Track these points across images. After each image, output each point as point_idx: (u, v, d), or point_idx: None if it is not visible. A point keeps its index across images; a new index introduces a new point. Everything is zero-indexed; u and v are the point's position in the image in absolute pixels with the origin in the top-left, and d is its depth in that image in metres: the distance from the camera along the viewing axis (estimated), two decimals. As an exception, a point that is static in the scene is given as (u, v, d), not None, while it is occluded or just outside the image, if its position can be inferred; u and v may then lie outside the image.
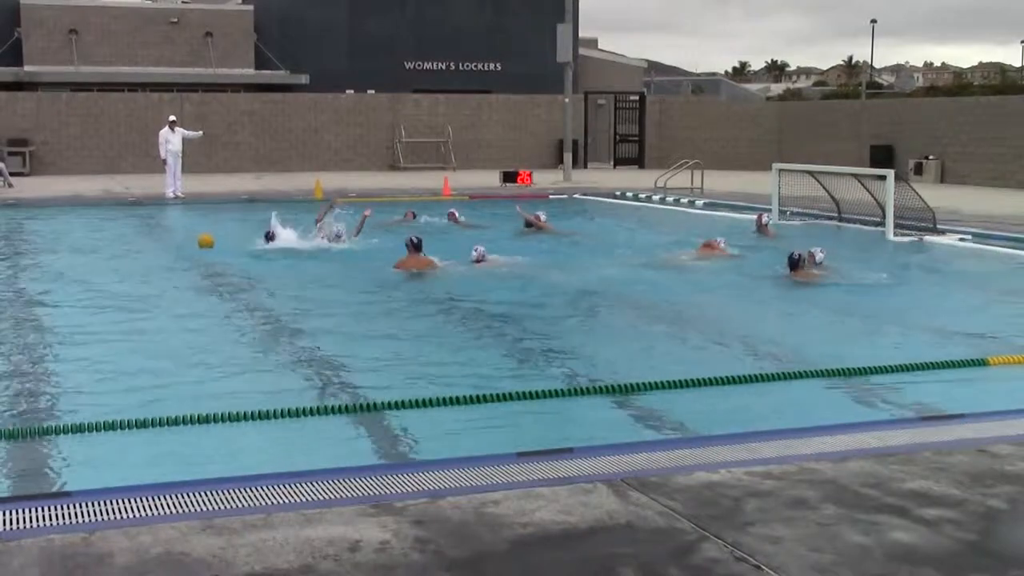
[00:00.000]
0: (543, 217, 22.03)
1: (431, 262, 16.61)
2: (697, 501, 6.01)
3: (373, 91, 45.91)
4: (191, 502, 5.99)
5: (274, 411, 8.49)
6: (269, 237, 19.32)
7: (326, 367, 10.59)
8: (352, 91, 45.68)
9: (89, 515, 5.81)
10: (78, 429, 8.10)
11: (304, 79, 47.51)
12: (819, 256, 16.60)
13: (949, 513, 5.88)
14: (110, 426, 8.10)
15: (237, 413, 8.41)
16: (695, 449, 7.22)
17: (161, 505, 5.95)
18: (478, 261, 16.95)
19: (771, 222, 22.82)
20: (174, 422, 8.20)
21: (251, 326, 12.82)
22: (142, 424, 8.14)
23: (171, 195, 30.20)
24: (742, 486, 6.27)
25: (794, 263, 16.02)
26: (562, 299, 14.89)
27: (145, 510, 5.87)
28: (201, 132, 34.37)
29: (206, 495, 6.09)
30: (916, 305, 14.50)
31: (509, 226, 22.63)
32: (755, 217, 22.69)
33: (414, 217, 23.50)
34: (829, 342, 12.14)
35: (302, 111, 42.12)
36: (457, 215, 23.32)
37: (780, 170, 24.69)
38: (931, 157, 37.79)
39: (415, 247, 16.68)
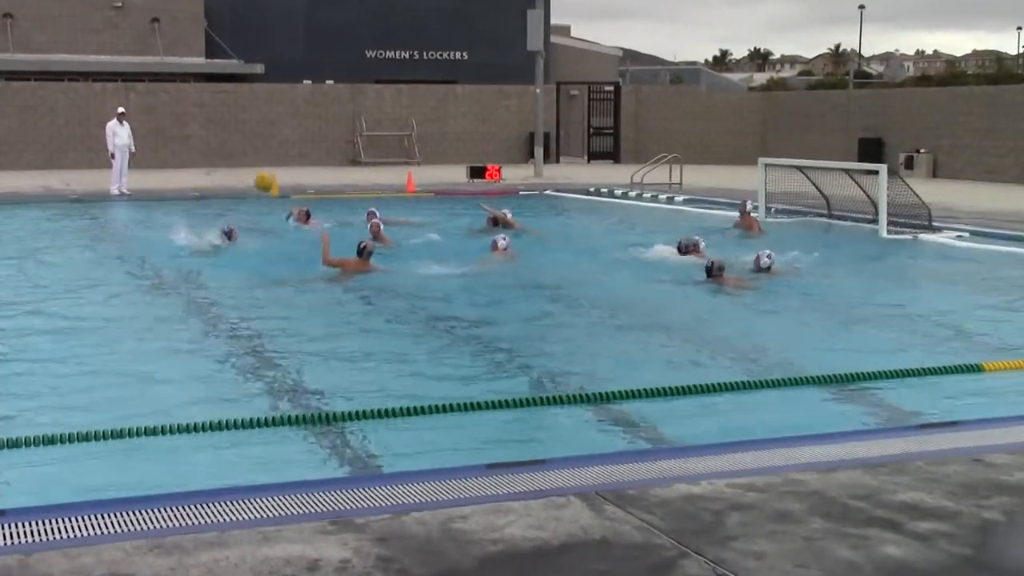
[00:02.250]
0: (509, 215, 22.01)
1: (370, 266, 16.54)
2: (677, 515, 6.02)
3: (332, 82, 45.80)
4: (138, 520, 5.95)
5: (228, 422, 8.45)
6: (229, 236, 19.26)
7: (282, 375, 10.55)
8: (310, 81, 45.57)
9: (26, 535, 5.76)
10: (14, 444, 8.03)
11: (258, 69, 47.41)
12: (764, 261, 16.37)
13: (943, 526, 5.91)
14: (49, 440, 8.03)
15: (188, 425, 8.37)
16: (675, 460, 7.23)
17: (105, 524, 5.90)
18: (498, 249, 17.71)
19: (757, 215, 22.84)
20: (119, 435, 8.14)
21: (202, 332, 12.77)
22: (84, 438, 8.07)
23: (116, 192, 30.06)
24: (724, 499, 6.28)
25: (708, 271, 15.79)
26: (531, 301, 14.91)
27: (87, 529, 5.83)
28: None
29: (154, 512, 6.05)
30: (910, 306, 14.57)
31: (460, 223, 22.64)
32: (739, 204, 22.69)
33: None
34: (817, 347, 12.20)
35: (256, 103, 42.01)
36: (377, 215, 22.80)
37: (766, 165, 24.78)
38: (922, 150, 38.04)
39: (368, 255, 16.51)
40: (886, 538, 5.73)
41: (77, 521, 5.93)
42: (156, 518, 5.98)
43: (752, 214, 22.69)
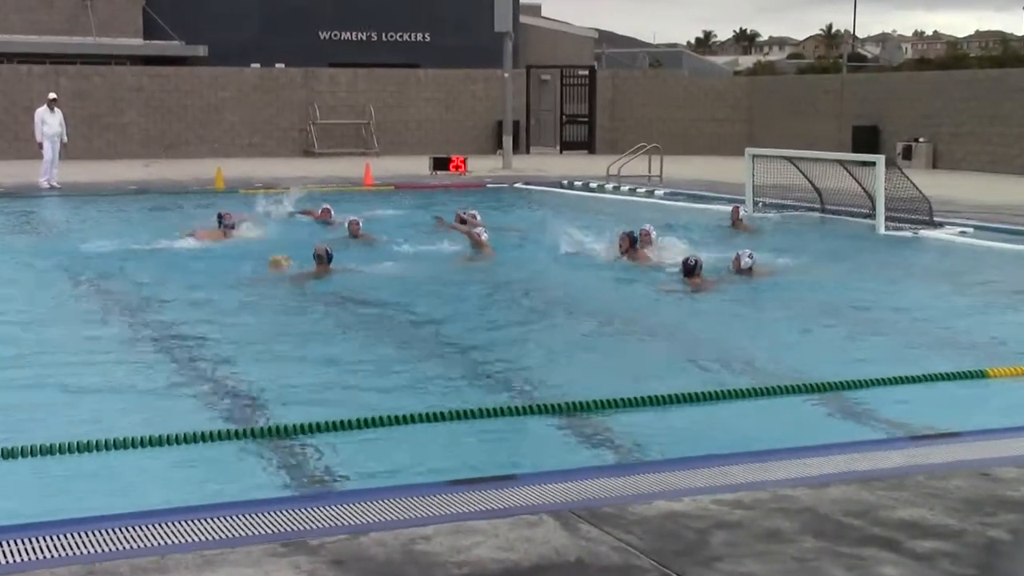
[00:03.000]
0: (478, 217, 21.24)
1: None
2: (657, 534, 6.03)
3: (282, 65, 45.72)
4: (70, 544, 5.91)
5: (168, 437, 8.40)
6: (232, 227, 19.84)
7: (226, 384, 10.52)
8: (258, 65, 45.47)
9: (-53, 562, 5.72)
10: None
11: (202, 51, 47.20)
12: (745, 261, 16.24)
13: (945, 545, 5.93)
14: (-31, 458, 7.98)
15: (125, 439, 8.31)
16: (655, 475, 7.24)
17: (34, 549, 5.86)
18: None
19: (745, 215, 22.90)
20: (48, 451, 8.09)
21: (138, 339, 12.72)
22: (9, 454, 8.03)
23: (45, 185, 29.86)
24: (708, 516, 6.29)
25: (689, 269, 15.69)
26: (500, 304, 14.93)
27: (14, 555, 5.79)
28: None
29: (88, 536, 6.01)
30: (909, 308, 14.63)
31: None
32: (730, 210, 22.75)
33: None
34: (808, 352, 12.25)
35: (200, 88, 41.86)
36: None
37: (754, 156, 24.79)
38: (921, 139, 38.24)
39: (328, 260, 16.44)
40: (884, 558, 5.75)
41: (3, 547, 5.88)
42: (89, 542, 5.94)
43: (741, 209, 22.65)
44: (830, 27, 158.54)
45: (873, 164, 21.98)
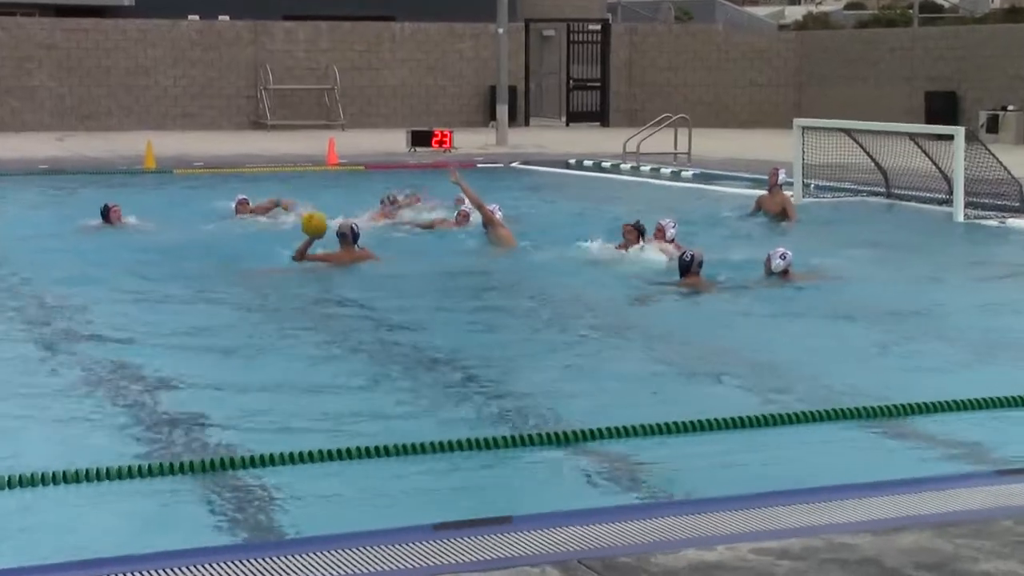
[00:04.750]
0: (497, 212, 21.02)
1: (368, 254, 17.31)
2: (686, 591, 6.05)
3: (227, 17, 45.61)
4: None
5: (94, 472, 8.41)
6: (106, 216, 20.02)
7: (168, 407, 10.53)
8: (197, 17, 45.37)
9: None
10: None
11: (127, 0, 47.17)
12: (777, 263, 15.91)
13: (1036, 604, 5.96)
14: None
15: (45, 475, 8.34)
16: (682, 517, 7.25)
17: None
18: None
19: (791, 194, 22.77)
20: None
21: (67, 348, 12.78)
22: None
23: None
24: (748, 568, 6.31)
25: (685, 266, 15.60)
26: (496, 310, 14.97)
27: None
28: None
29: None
30: (992, 314, 14.66)
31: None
32: (767, 175, 22.53)
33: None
34: (867, 370, 12.25)
35: (125, 45, 41.84)
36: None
37: (804, 128, 24.75)
38: (1011, 108, 38.22)
39: (353, 239, 17.11)
40: (962, 619, 5.77)
41: None
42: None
43: (785, 190, 22.53)
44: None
45: (951, 138, 22.00)
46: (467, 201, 19.68)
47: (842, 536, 6.78)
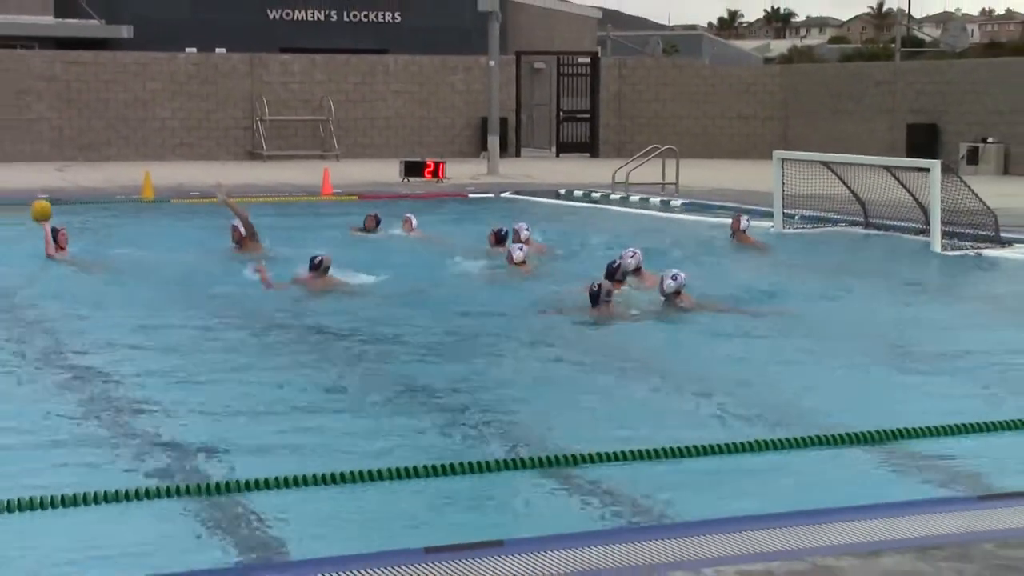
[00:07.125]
0: (524, 231, 20.66)
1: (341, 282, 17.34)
2: (672, 612, 6.03)
3: (224, 50, 45.69)
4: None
5: (80, 496, 8.39)
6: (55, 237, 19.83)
7: (160, 431, 10.49)
8: (194, 49, 45.43)
9: None
10: None
11: (126, 32, 47.18)
12: (668, 284, 15.64)
13: (1016, 626, 5.94)
14: None
15: (32, 500, 8.30)
16: (668, 541, 7.24)
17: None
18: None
19: (748, 225, 22.70)
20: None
21: (47, 367, 12.78)
22: None
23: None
24: (734, 591, 6.30)
25: (592, 297, 15.29)
26: (492, 333, 14.95)
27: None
28: None
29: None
30: (970, 342, 14.64)
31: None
32: (731, 221, 22.60)
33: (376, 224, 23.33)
34: (849, 395, 12.25)
35: (124, 77, 41.86)
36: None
37: (783, 160, 24.83)
38: (990, 140, 38.30)
39: (324, 270, 17.16)
40: (943, 642, 5.76)
41: None
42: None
43: (747, 231, 22.41)
44: (880, 5, 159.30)
45: (927, 170, 22.02)
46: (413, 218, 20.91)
47: (826, 559, 6.78)
